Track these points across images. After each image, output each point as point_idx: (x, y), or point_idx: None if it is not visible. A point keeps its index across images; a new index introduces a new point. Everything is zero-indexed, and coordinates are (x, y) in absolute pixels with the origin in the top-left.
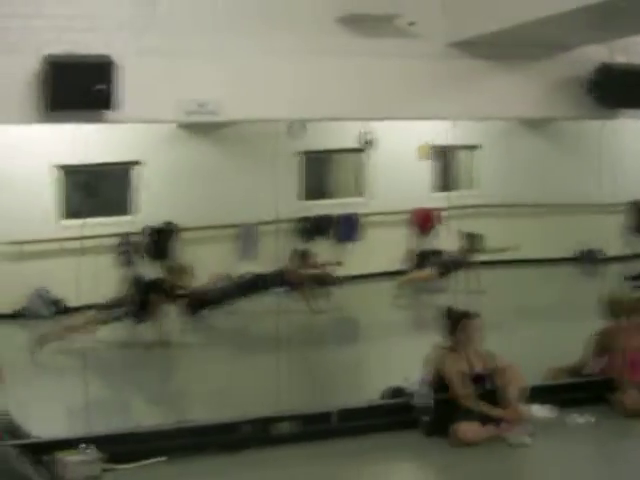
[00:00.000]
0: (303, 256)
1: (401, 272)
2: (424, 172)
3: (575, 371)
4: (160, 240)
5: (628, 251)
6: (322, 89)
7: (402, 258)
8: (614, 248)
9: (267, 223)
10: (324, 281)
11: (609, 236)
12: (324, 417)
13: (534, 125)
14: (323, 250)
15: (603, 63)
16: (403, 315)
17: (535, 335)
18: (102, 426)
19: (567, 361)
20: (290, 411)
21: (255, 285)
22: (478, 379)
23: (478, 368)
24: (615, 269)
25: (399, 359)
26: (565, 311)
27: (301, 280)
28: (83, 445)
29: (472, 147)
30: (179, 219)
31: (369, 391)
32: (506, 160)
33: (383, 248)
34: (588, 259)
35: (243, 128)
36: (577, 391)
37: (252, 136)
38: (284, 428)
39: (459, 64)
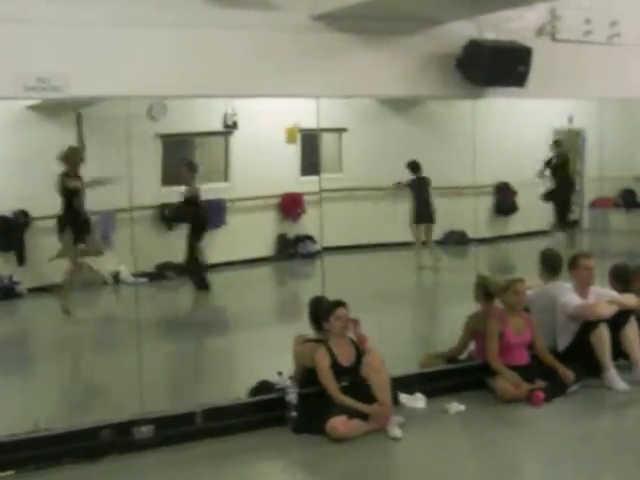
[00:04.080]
0: None
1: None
2: (292, 156)
3: (451, 357)
4: None
5: (490, 234)
6: (177, 64)
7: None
8: (480, 230)
9: (122, 210)
10: None
11: (475, 218)
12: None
13: (401, 108)
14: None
15: (472, 40)
16: (274, 303)
17: (410, 320)
18: None
19: (443, 347)
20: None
21: None
22: (348, 371)
23: (347, 359)
24: (482, 251)
25: (270, 351)
26: (436, 295)
27: None
28: None
29: (339, 130)
30: None
31: (237, 387)
32: (372, 144)
33: (251, 234)
34: (453, 241)
35: (99, 110)
36: (456, 377)
37: (107, 118)
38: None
39: (323, 38)
